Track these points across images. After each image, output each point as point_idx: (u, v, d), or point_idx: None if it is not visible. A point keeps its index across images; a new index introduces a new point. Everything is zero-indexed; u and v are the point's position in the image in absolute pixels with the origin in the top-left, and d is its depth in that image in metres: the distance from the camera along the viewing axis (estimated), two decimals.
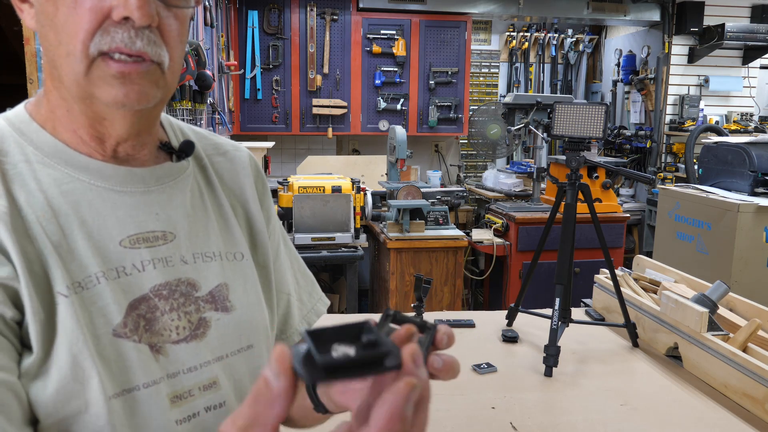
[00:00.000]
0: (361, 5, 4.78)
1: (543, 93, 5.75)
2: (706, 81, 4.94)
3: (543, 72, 5.78)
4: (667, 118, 5.00)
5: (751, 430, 1.21)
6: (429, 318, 1.77)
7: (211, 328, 0.70)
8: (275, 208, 3.54)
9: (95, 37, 0.60)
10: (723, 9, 4.84)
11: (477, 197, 4.99)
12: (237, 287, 0.74)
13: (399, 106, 5.01)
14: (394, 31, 4.94)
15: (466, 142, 5.51)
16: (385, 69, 4.97)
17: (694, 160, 4.11)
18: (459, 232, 3.53)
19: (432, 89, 5.06)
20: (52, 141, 0.67)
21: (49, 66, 0.65)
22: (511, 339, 1.66)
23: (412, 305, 1.62)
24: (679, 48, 4.94)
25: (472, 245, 3.84)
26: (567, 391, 1.39)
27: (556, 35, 5.67)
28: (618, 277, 1.75)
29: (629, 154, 5.30)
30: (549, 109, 3.86)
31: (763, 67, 5.01)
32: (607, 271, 1.83)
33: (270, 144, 4.18)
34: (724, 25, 4.58)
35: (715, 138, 3.65)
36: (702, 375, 1.43)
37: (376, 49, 4.91)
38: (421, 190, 3.58)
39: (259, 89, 4.85)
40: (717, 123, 4.87)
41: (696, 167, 3.56)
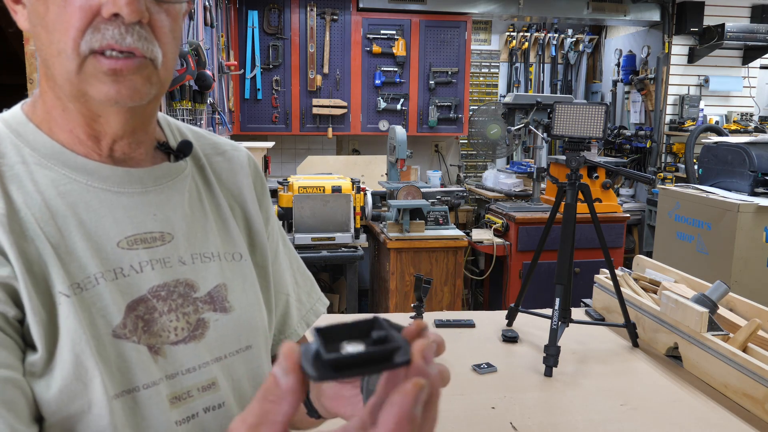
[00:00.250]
0: (361, 5, 4.78)
1: (543, 93, 5.75)
2: (706, 81, 4.94)
3: (543, 72, 5.78)
4: (667, 118, 5.00)
5: (751, 430, 1.21)
6: (429, 318, 1.77)
7: (210, 328, 0.70)
8: (275, 209, 3.53)
9: (86, 35, 0.60)
10: (723, 9, 4.83)
11: (477, 197, 4.99)
12: (235, 288, 0.74)
13: (399, 106, 5.01)
14: (394, 31, 4.93)
15: (466, 142, 5.51)
16: (385, 69, 4.97)
17: (694, 160, 4.11)
18: (459, 232, 3.53)
19: (432, 89, 5.06)
20: (48, 142, 0.67)
21: (43, 66, 0.65)
22: (511, 339, 1.66)
23: (412, 305, 1.62)
24: (679, 48, 4.93)
25: (472, 245, 3.84)
26: (567, 391, 1.39)
27: (556, 35, 5.66)
28: (618, 277, 1.75)
29: (629, 154, 5.30)
30: (549, 109, 3.85)
31: (763, 67, 5.01)
32: (607, 271, 1.83)
33: (270, 144, 4.18)
34: (724, 25, 4.58)
35: (715, 138, 3.65)
36: (702, 375, 1.43)
37: (376, 49, 4.91)
38: (421, 190, 3.58)
39: (259, 89, 4.85)
40: (717, 123, 4.87)
41: (696, 167, 3.56)
